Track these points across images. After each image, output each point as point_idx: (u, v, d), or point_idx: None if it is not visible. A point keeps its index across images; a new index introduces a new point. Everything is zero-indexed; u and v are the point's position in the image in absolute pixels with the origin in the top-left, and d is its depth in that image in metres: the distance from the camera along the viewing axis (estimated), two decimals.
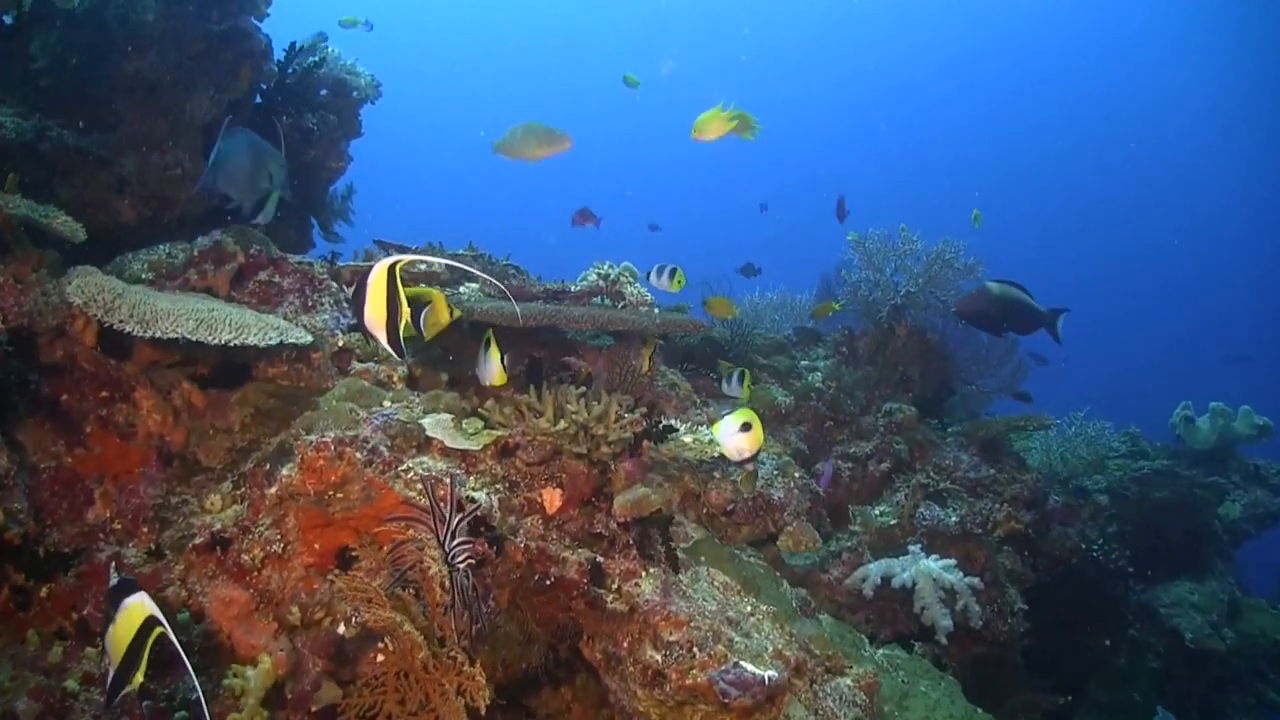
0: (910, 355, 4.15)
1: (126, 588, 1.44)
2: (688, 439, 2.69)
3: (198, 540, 2.20)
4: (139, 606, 1.42)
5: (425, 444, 2.46)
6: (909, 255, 4.05)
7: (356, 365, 2.81)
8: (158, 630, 1.41)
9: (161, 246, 2.97)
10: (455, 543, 1.93)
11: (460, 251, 3.61)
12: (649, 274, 3.53)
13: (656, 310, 3.12)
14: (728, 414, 2.43)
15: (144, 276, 2.87)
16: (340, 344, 2.82)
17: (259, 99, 3.78)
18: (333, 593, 2.23)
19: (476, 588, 1.96)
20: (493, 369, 2.67)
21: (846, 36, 32.49)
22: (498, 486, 2.43)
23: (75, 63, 3.21)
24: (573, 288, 3.14)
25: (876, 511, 3.54)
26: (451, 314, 2.53)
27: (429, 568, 2.02)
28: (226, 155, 2.84)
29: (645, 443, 2.53)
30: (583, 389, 2.58)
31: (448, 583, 1.99)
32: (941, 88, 31.81)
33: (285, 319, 2.82)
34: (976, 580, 3.18)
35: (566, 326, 2.68)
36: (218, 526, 2.22)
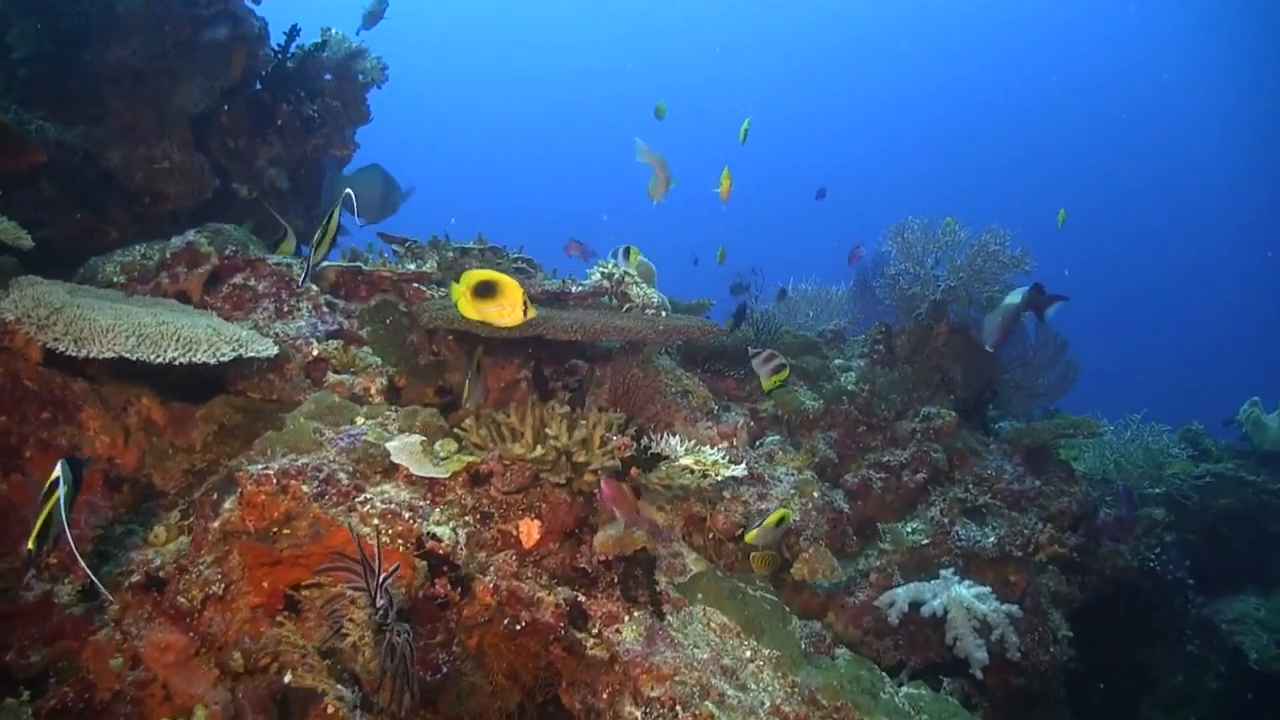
0: (952, 354, 3.75)
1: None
2: (688, 460, 2.36)
3: (134, 578, 1.96)
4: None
5: (391, 470, 2.19)
6: (951, 246, 3.64)
7: (332, 377, 2.54)
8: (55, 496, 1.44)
9: (137, 247, 2.74)
10: (384, 601, 1.65)
11: (469, 244, 3.32)
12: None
13: (664, 314, 2.79)
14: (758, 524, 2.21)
15: (116, 280, 2.64)
16: (315, 353, 2.56)
17: (259, 85, 3.52)
18: (280, 637, 1.99)
19: (409, 654, 1.67)
20: (479, 394, 2.38)
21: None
22: (467, 519, 2.15)
23: (55, 51, 2.98)
24: (574, 288, 2.83)
25: (909, 529, 3.17)
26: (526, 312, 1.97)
27: (355, 628, 1.75)
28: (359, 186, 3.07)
29: (634, 470, 2.22)
30: (566, 409, 2.28)
31: (385, 642, 1.71)
32: (952, 81, 30.21)
33: (257, 326, 2.56)
34: (1014, 608, 2.81)
35: (556, 337, 2.38)
36: (156, 564, 1.98)
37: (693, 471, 2.38)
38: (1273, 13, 18.89)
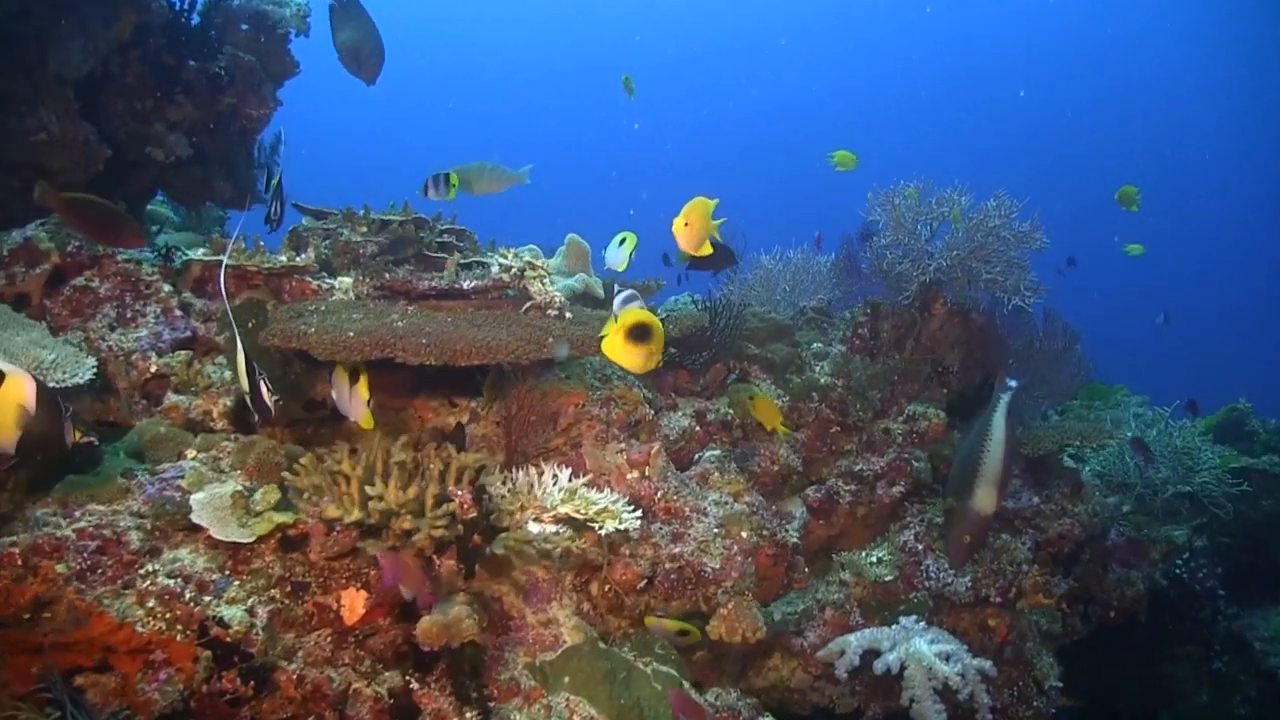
0: (949, 340, 3.14)
1: None
2: (566, 509, 1.87)
3: None
4: None
5: (195, 529, 1.76)
6: (950, 217, 3.00)
7: (170, 398, 2.10)
8: None
9: None
10: None
11: (389, 216, 2.83)
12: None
13: (568, 314, 2.27)
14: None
15: None
16: (153, 369, 2.12)
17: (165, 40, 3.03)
18: None
19: None
20: (359, 407, 1.92)
21: None
22: (274, 592, 1.71)
23: None
24: (467, 283, 2.32)
25: (873, 558, 2.65)
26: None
27: None
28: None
29: (476, 537, 1.74)
30: (400, 458, 1.80)
31: None
32: (959, 34, 26.72)
33: (88, 338, 2.13)
34: (988, 664, 2.29)
35: (406, 359, 1.89)
36: None
37: (575, 521, 1.90)
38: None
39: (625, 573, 2.06)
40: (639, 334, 1.74)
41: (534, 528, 1.83)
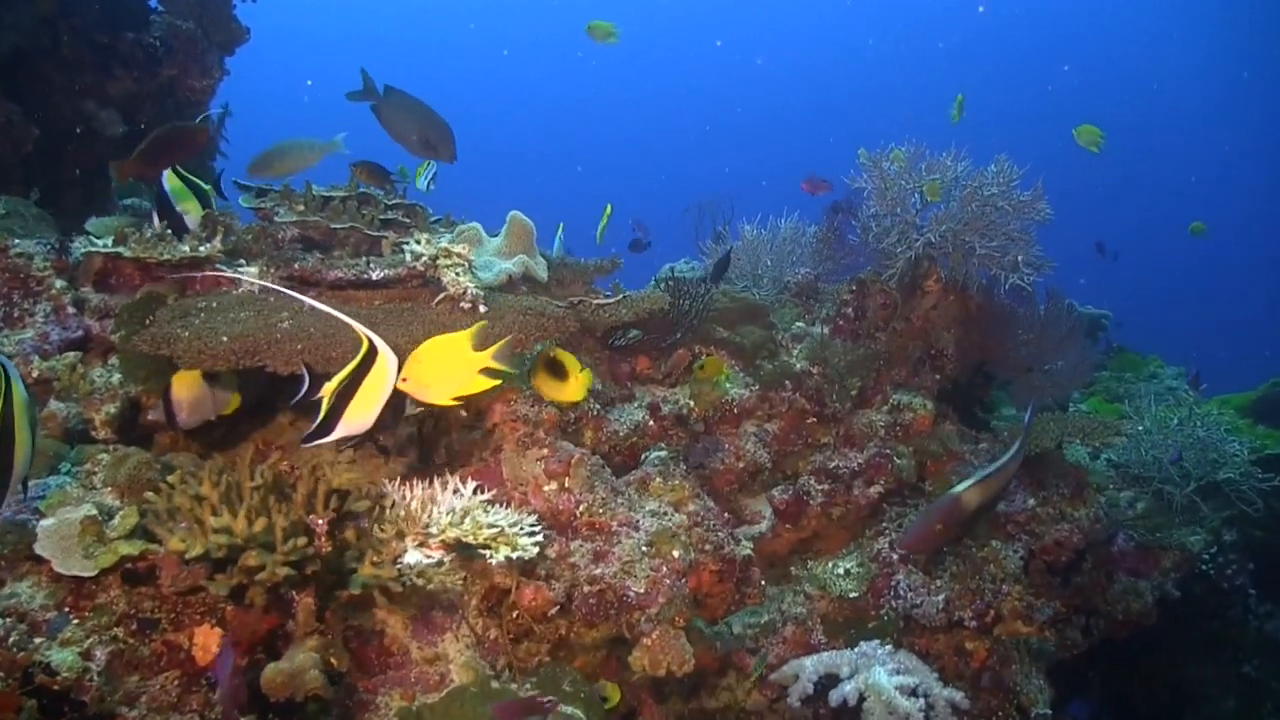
0: (944, 320, 2.81)
1: None
2: (454, 533, 1.64)
3: None
4: None
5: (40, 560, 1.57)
6: (943, 185, 2.65)
7: (51, 405, 1.92)
8: None
9: None
10: None
11: (333, 191, 2.60)
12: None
13: (481, 308, 2.01)
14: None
15: None
16: (35, 374, 1.94)
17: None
18: None
19: None
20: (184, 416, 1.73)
21: None
22: (117, 631, 1.52)
23: None
24: (375, 273, 2.08)
25: (840, 569, 2.37)
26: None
27: None
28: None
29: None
30: (259, 481, 1.58)
31: None
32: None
33: None
34: (959, 695, 2.02)
35: (277, 368, 1.67)
36: None
37: (468, 545, 1.67)
38: None
39: (535, 597, 1.83)
40: (555, 369, 1.83)
41: (413, 557, 1.60)
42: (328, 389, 1.33)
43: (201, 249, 2.12)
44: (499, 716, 1.48)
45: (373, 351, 1.33)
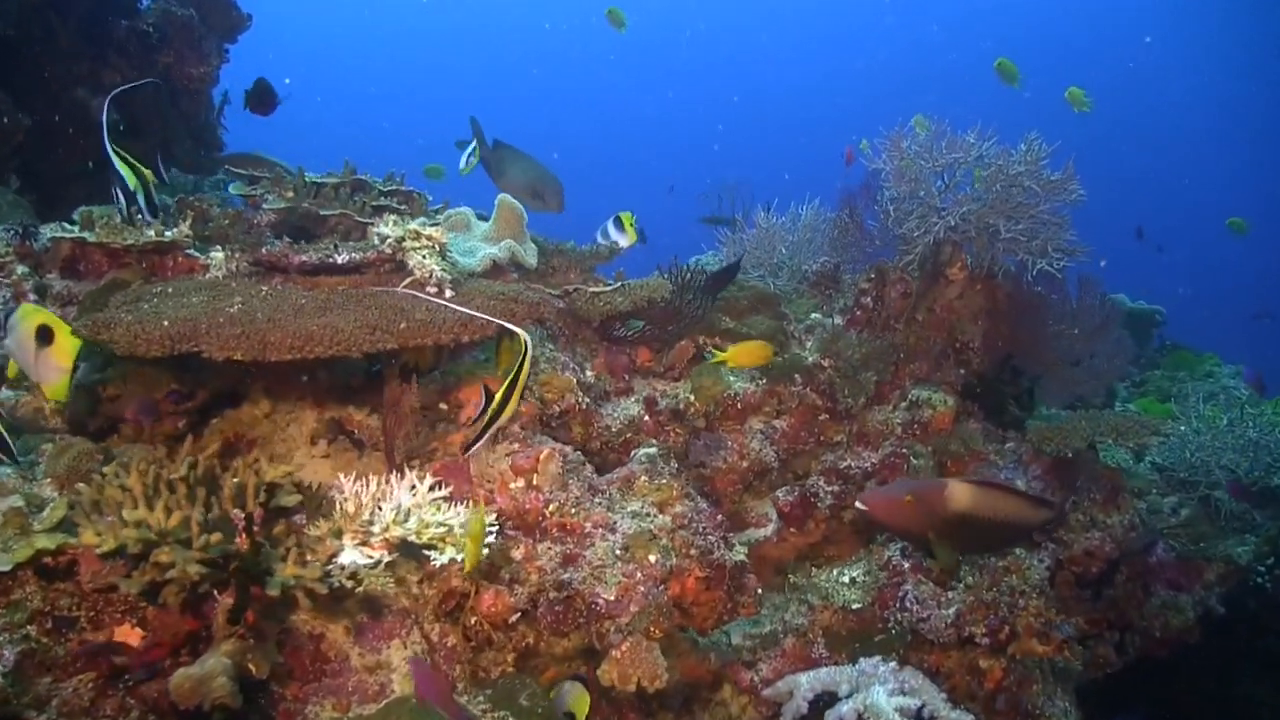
0: (970, 311, 2.59)
1: None
2: (397, 531, 1.50)
3: None
4: None
5: None
6: (965, 165, 2.44)
7: (4, 393, 1.83)
8: None
9: None
10: None
11: (327, 176, 2.50)
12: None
13: (449, 293, 1.86)
14: None
15: None
16: None
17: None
18: None
19: None
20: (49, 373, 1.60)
21: None
22: (30, 629, 1.41)
23: None
24: (340, 256, 1.95)
25: (845, 577, 2.17)
26: None
27: None
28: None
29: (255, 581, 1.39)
30: (183, 472, 1.46)
31: None
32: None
33: None
34: (969, 719, 1.81)
35: (212, 353, 1.55)
36: None
37: (417, 544, 1.53)
38: None
39: (495, 602, 1.67)
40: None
41: (349, 557, 1.46)
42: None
43: (167, 234, 2.02)
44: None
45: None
